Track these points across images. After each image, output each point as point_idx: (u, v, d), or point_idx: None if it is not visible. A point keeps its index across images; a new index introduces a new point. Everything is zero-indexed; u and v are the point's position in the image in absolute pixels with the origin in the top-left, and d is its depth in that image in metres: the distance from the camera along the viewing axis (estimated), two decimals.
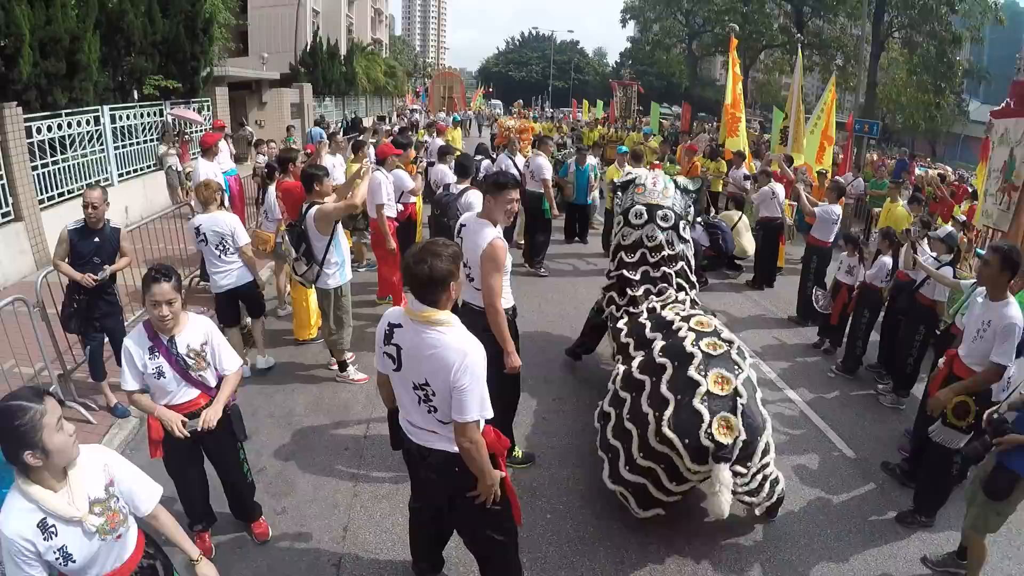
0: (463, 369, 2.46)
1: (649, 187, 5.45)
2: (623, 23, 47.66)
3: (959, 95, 32.29)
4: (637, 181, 5.56)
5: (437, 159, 8.83)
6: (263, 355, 5.95)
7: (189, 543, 2.53)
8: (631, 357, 4.39)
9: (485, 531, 2.90)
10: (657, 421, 3.60)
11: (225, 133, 12.33)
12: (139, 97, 12.10)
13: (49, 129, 8.70)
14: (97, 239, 4.63)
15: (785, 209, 9.42)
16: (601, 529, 3.99)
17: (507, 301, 3.99)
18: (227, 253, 5.25)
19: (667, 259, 5.33)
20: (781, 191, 9.13)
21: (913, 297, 5.85)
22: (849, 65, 30.90)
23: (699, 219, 9.06)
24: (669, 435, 3.49)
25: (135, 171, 11.16)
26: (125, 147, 10.84)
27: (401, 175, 7.28)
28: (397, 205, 7.09)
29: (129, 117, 10.93)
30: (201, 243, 5.21)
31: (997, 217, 8.79)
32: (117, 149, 10.56)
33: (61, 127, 8.94)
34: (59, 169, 8.98)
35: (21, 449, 1.97)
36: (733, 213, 9.95)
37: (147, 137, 11.49)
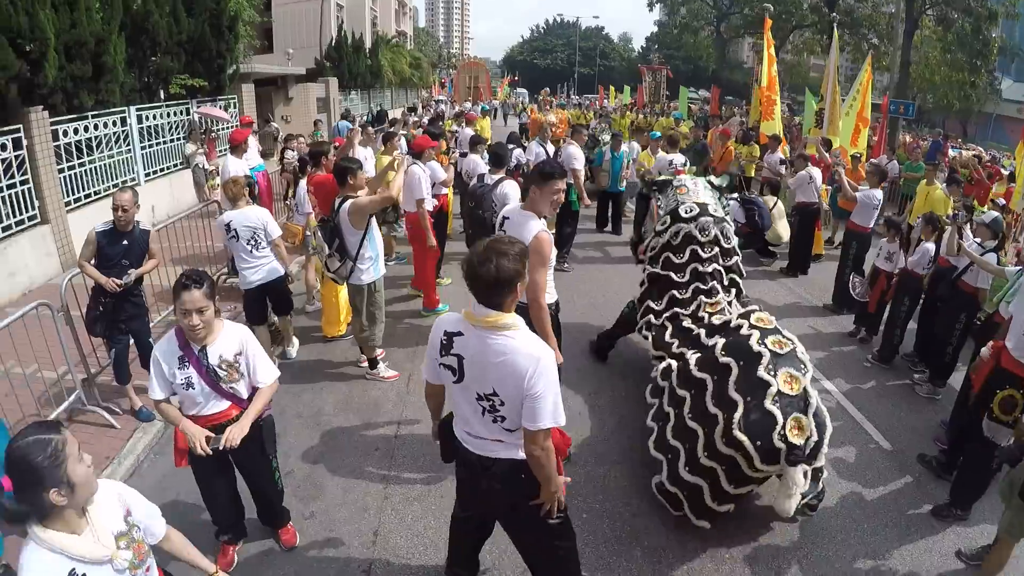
0: (537, 375, 2.30)
1: (691, 187, 5.36)
2: (650, 6, 46.77)
3: (991, 73, 31.17)
4: (675, 183, 5.47)
5: (469, 149, 8.70)
6: (291, 346, 6.01)
7: (203, 559, 2.42)
8: (681, 355, 4.31)
9: (551, 541, 2.73)
10: (726, 423, 3.49)
11: (252, 129, 12.34)
12: (165, 96, 12.13)
13: (76, 132, 8.73)
14: (126, 241, 4.54)
15: (822, 194, 9.12)
16: (638, 528, 3.89)
17: (551, 296, 3.88)
18: (258, 248, 5.21)
19: (723, 252, 5.22)
20: (818, 176, 8.86)
21: (955, 285, 5.64)
22: (882, 44, 29.94)
23: (734, 195, 8.83)
24: (740, 437, 3.39)
25: (162, 170, 11.20)
26: (152, 147, 10.88)
27: (435, 167, 7.18)
28: (432, 199, 6.97)
29: (156, 117, 10.96)
30: (232, 239, 5.17)
31: None
32: (144, 149, 10.61)
33: (88, 129, 8.97)
34: (86, 171, 9.01)
35: (45, 488, 1.76)
36: (768, 198, 9.63)
37: (174, 136, 11.53)
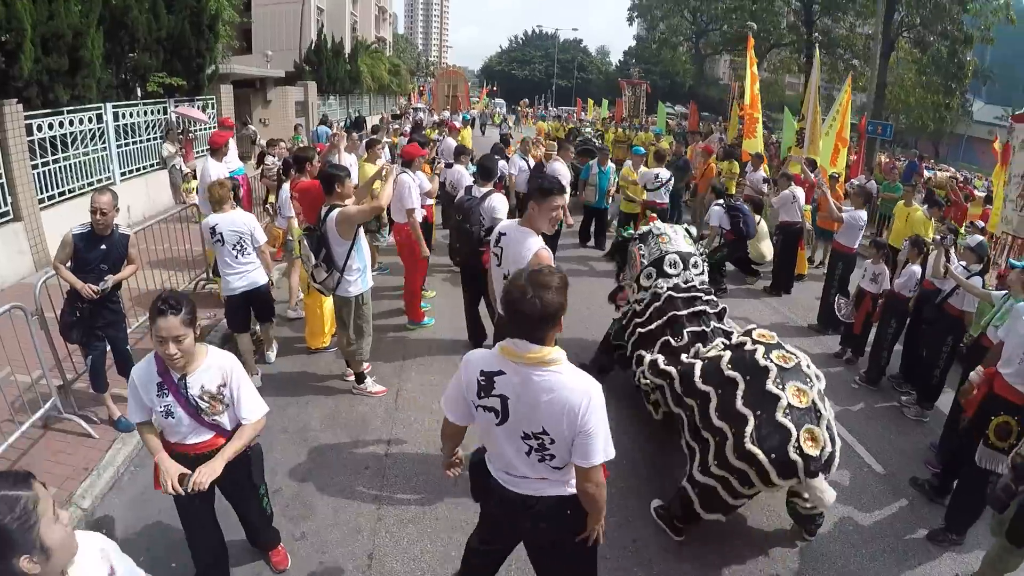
0: (590, 411, 2.18)
1: (671, 235, 5.37)
2: (630, 20, 47.47)
3: (964, 95, 32.11)
4: (654, 231, 5.46)
5: (454, 160, 8.58)
6: (270, 350, 5.94)
7: None
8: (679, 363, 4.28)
9: (584, 569, 2.64)
10: (737, 437, 3.44)
11: (232, 132, 12.09)
12: (143, 94, 11.81)
13: (50, 127, 8.45)
14: (104, 246, 4.30)
15: (804, 214, 9.21)
16: (639, 551, 3.80)
17: None
18: (244, 253, 5.06)
19: (708, 301, 5.00)
20: (802, 195, 8.93)
21: (941, 308, 5.68)
22: (859, 64, 30.62)
23: (720, 202, 8.87)
24: (752, 450, 3.35)
25: (138, 170, 10.89)
26: (128, 145, 10.57)
27: (422, 177, 7.04)
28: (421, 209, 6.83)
29: (132, 115, 10.66)
30: (217, 243, 5.02)
31: (1018, 224, 8.56)
32: (120, 147, 10.30)
33: (63, 124, 8.69)
34: (60, 168, 8.72)
35: (13, 555, 1.47)
36: None
37: (150, 135, 11.23)
